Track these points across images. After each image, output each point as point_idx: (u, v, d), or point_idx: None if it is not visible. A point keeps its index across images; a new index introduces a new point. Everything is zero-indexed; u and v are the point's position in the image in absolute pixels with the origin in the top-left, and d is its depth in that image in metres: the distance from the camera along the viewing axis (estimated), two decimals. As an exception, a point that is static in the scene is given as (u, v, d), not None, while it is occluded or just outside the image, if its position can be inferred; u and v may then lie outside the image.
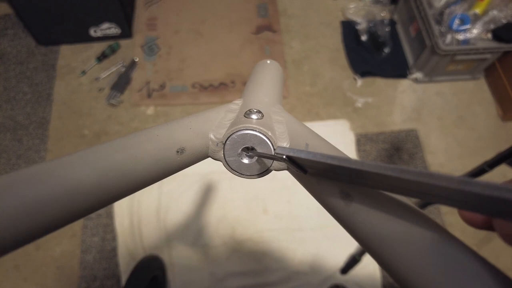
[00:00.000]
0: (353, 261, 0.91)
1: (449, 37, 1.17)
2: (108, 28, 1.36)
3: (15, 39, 1.42)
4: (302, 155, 0.18)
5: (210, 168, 1.12)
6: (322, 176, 0.20)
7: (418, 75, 1.32)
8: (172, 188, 1.11)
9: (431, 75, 1.31)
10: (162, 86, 1.32)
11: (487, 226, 0.16)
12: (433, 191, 0.13)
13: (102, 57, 1.35)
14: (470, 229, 1.06)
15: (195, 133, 0.24)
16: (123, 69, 1.34)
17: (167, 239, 1.05)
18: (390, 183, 0.15)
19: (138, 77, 1.34)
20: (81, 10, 1.29)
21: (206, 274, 1.01)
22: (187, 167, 0.24)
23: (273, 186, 1.12)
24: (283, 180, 1.11)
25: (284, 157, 0.19)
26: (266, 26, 1.45)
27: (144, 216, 1.07)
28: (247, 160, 0.24)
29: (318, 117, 1.27)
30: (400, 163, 1.20)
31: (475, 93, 1.33)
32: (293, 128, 0.25)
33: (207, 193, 1.11)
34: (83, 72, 1.34)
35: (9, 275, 1.04)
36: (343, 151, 0.22)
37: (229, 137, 0.23)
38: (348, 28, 1.43)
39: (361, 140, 1.23)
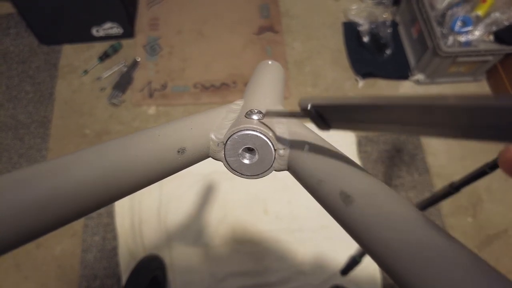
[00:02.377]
0: (354, 262, 0.91)
1: (451, 39, 1.17)
2: (110, 28, 1.36)
3: (17, 38, 1.42)
4: (328, 102, 0.18)
5: (211, 168, 1.12)
6: (343, 126, 0.19)
7: (419, 76, 1.32)
8: (173, 188, 1.11)
9: (433, 77, 1.31)
10: (164, 86, 1.32)
11: None
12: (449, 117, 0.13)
13: (104, 56, 1.36)
14: (471, 232, 1.05)
15: (196, 133, 0.24)
16: (125, 69, 1.34)
17: (168, 239, 1.05)
18: (407, 114, 0.15)
19: (139, 77, 1.34)
20: (83, 10, 1.30)
21: (206, 274, 1.01)
22: (188, 167, 0.24)
23: (274, 187, 1.12)
24: (283, 181, 1.11)
25: (309, 107, 0.19)
26: (268, 27, 1.45)
27: (145, 216, 1.08)
28: (248, 160, 0.24)
29: (319, 118, 1.27)
30: (401, 164, 1.20)
31: (477, 95, 1.33)
32: (294, 129, 0.25)
33: (207, 193, 1.11)
34: (85, 72, 1.34)
35: (10, 273, 1.04)
36: (344, 152, 0.23)
37: (230, 137, 0.23)
38: (350, 29, 1.43)
39: (362, 141, 1.23)
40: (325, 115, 0.19)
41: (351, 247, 1.00)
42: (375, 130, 0.18)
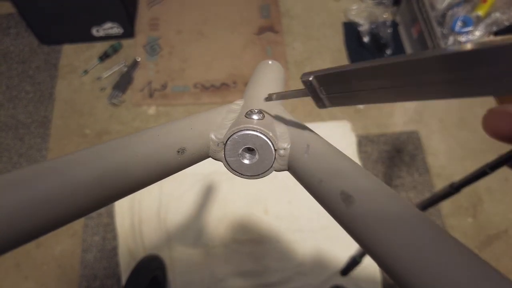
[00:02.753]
0: (354, 262, 0.91)
1: (451, 39, 1.17)
2: (111, 28, 1.36)
3: (17, 38, 1.42)
4: (329, 71, 0.19)
5: (211, 168, 1.12)
6: (342, 99, 0.20)
7: (420, 76, 1.31)
8: (173, 188, 1.11)
9: (433, 77, 1.31)
10: (164, 86, 1.32)
11: None
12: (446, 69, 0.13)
13: (104, 56, 1.36)
14: (471, 232, 1.05)
15: (196, 133, 0.24)
16: (125, 69, 1.34)
17: (168, 239, 1.05)
18: (404, 72, 0.15)
19: (140, 77, 1.34)
20: (83, 10, 1.30)
21: (206, 274, 1.01)
22: (188, 167, 0.24)
23: (274, 187, 1.12)
24: (284, 181, 1.11)
25: (311, 79, 0.19)
26: (268, 27, 1.45)
27: (145, 216, 1.08)
28: (248, 161, 0.24)
29: (319, 118, 1.27)
30: (401, 164, 1.20)
31: (477, 95, 1.33)
32: (294, 129, 0.25)
33: (207, 194, 1.11)
34: (85, 72, 1.34)
35: (10, 273, 1.04)
36: (344, 152, 0.22)
37: (230, 137, 0.23)
38: (350, 30, 1.43)
39: (362, 141, 1.23)
40: (326, 89, 0.20)
41: (351, 247, 1.00)
42: (373, 100, 0.18)
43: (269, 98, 0.25)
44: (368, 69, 0.17)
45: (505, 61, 0.12)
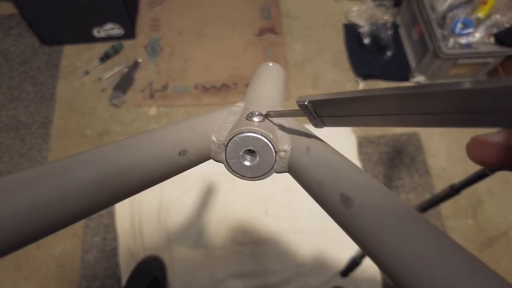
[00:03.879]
0: (354, 263, 0.91)
1: (451, 41, 1.17)
2: (112, 29, 1.37)
3: (19, 39, 1.42)
4: (322, 97, 0.19)
5: (212, 169, 1.12)
6: (335, 122, 0.21)
7: (420, 78, 1.32)
8: (173, 189, 1.11)
9: (433, 79, 1.31)
10: (165, 87, 1.33)
11: (499, 162, 0.16)
12: (445, 103, 0.13)
13: (105, 57, 1.36)
14: (471, 234, 1.05)
15: (197, 135, 0.24)
16: (126, 70, 1.34)
17: (168, 240, 1.05)
18: (398, 104, 0.15)
19: (140, 78, 1.34)
20: (84, 10, 1.30)
21: (206, 275, 1.01)
22: (189, 168, 0.24)
23: (275, 188, 1.13)
24: (284, 182, 1.11)
25: (306, 103, 0.20)
26: (269, 28, 1.46)
27: (145, 217, 1.08)
28: (248, 162, 0.24)
29: (319, 119, 1.27)
30: (401, 166, 1.20)
31: (477, 97, 1.33)
32: (295, 131, 0.25)
33: (208, 194, 1.11)
34: (86, 72, 1.34)
35: (10, 273, 1.04)
36: (344, 154, 0.23)
37: (231, 139, 0.23)
38: (351, 31, 1.44)
39: (363, 143, 1.23)
40: (320, 112, 0.21)
41: (352, 248, 1.00)
42: (367, 123, 0.18)
43: (268, 115, 0.25)
44: (360, 99, 0.17)
45: (502, 99, 0.12)
